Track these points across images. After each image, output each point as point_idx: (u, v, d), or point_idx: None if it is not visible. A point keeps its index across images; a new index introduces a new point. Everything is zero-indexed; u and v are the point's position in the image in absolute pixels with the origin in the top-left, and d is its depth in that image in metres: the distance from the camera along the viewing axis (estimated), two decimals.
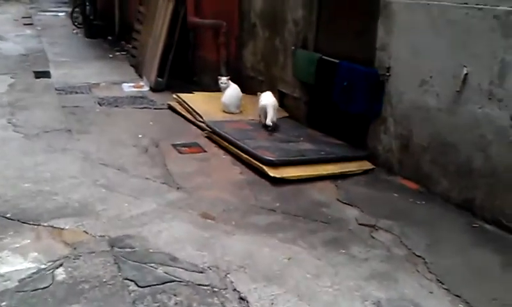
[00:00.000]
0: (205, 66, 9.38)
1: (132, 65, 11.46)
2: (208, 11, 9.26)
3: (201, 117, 7.28)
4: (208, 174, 5.59)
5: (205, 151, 6.30)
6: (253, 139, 6.08)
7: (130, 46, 13.15)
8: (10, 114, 7.20)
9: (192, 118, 7.49)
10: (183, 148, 6.36)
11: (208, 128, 6.83)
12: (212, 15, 9.11)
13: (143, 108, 8.33)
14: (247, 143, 5.92)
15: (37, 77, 9.48)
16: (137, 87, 9.74)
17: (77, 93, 9.16)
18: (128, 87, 9.71)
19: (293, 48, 7.15)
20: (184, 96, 8.30)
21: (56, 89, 9.03)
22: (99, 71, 11.01)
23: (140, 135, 6.77)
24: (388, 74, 5.55)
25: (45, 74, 9.81)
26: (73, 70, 10.91)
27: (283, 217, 4.66)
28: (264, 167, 5.41)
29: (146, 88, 9.62)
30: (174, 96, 8.47)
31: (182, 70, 9.82)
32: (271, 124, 6.48)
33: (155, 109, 8.32)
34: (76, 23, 16.85)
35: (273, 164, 5.43)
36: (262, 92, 6.98)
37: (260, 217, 4.65)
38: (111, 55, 13.05)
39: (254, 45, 8.41)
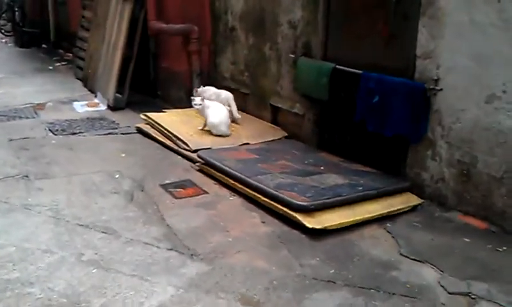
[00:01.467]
0: (172, 78, 7.91)
1: (79, 78, 9.78)
2: (173, 14, 7.79)
3: (187, 144, 5.83)
4: (224, 229, 4.22)
5: (205, 193, 4.90)
6: (267, 174, 4.75)
7: (71, 55, 11.44)
8: None
9: (172, 145, 6.05)
10: (176, 190, 4.93)
11: (200, 160, 5.39)
12: (179, 19, 7.64)
13: (107, 134, 6.78)
14: (262, 181, 4.58)
15: None
16: (91, 106, 8.14)
17: (21, 117, 7.49)
18: (81, 107, 8.09)
19: (292, 56, 5.82)
20: (155, 116, 6.83)
21: None
22: (42, 88, 9.30)
23: (117, 175, 5.27)
24: (436, 88, 4.33)
25: None
26: (11, 89, 9.15)
27: (350, 293, 3.38)
28: (297, 216, 4.11)
29: (103, 107, 8.04)
30: (142, 116, 6.98)
31: (143, 84, 8.29)
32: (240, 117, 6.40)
33: (122, 134, 6.80)
34: (3, 31, 14.75)
35: (308, 211, 4.10)
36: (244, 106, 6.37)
37: (320, 295, 3.36)
38: (50, 68, 11.30)
39: (233, 53, 7.03)
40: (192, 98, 6.12)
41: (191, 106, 7.16)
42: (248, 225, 4.31)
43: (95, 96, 8.54)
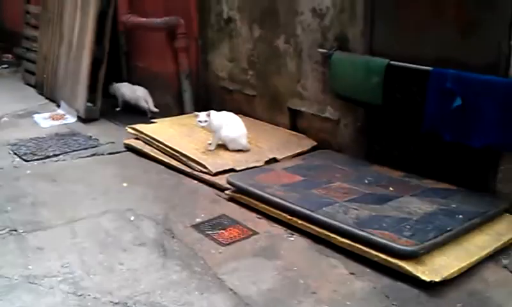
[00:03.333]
0: (152, 80, 6.60)
1: (30, 84, 8.19)
2: (151, 5, 6.40)
3: (203, 166, 4.62)
4: (307, 289, 3.14)
5: (254, 232, 3.77)
6: (333, 204, 3.70)
7: (11, 57, 9.72)
8: None
9: (182, 166, 4.83)
10: (216, 232, 3.75)
11: (231, 187, 4.21)
12: (156, 12, 6.28)
13: (90, 156, 5.39)
14: (334, 216, 3.51)
15: None
16: (57, 119, 6.70)
17: None
18: (44, 121, 6.62)
19: (322, 51, 4.70)
20: (146, 129, 5.56)
21: None
22: None
23: (131, 217, 3.99)
24: None
25: None
26: None
27: None
28: (405, 266, 3.08)
29: (72, 119, 6.62)
30: (129, 129, 5.63)
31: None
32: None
33: (109, 154, 5.43)
34: None
35: (416, 257, 3.05)
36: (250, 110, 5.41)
37: None
38: None
39: (231, 48, 5.83)
40: (195, 114, 4.85)
41: (180, 113, 5.95)
42: (335, 280, 3.21)
43: (58, 106, 7.04)
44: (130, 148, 5.49)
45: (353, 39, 4.54)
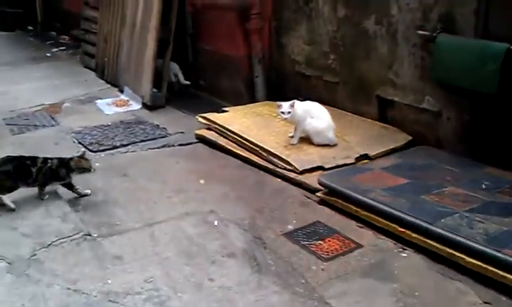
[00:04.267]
0: (220, 64, 6.12)
1: (89, 68, 7.82)
2: None
3: (288, 162, 4.10)
4: None
5: (357, 245, 3.28)
6: (453, 214, 3.16)
7: (69, 39, 9.40)
8: None
9: (263, 162, 4.35)
10: (313, 243, 3.26)
11: (322, 188, 3.67)
12: None
13: (161, 147, 4.94)
14: (457, 230, 2.94)
15: None
16: (121, 106, 6.28)
17: (36, 126, 5.61)
18: (108, 107, 6.22)
19: (424, 33, 4.09)
20: (218, 119, 5.10)
21: (7, 127, 5.38)
22: (48, 82, 7.33)
23: (215, 221, 3.51)
24: None
25: None
26: (10, 86, 7.16)
27: None
28: None
29: (137, 106, 6.18)
30: (200, 119, 5.15)
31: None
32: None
33: (180, 145, 4.96)
34: None
35: None
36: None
37: None
38: (48, 55, 9.26)
39: (310, 30, 5.27)
40: (278, 104, 4.31)
41: (251, 100, 5.43)
42: None
43: (121, 92, 6.63)
44: (201, 139, 5.01)
45: (462, 20, 3.92)
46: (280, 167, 4.21)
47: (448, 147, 4.18)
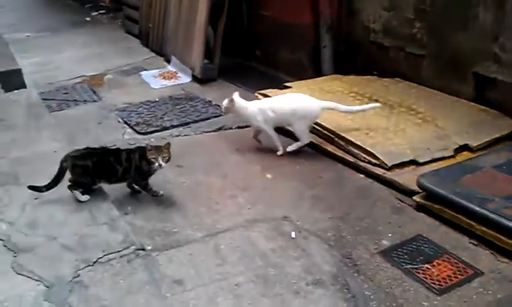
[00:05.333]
0: (280, 32, 5.41)
1: (131, 33, 7.18)
2: None
3: (372, 154, 3.38)
4: None
5: (475, 272, 2.59)
6: None
7: (108, 1, 8.75)
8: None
9: (340, 153, 3.64)
10: (419, 268, 2.59)
11: (420, 191, 2.96)
12: None
13: (216, 130, 4.31)
14: None
15: (5, 88, 5.08)
16: (168, 78, 5.65)
17: (77, 102, 5.05)
18: (154, 80, 5.59)
19: None
20: (277, 94, 4.33)
21: (44, 103, 4.81)
22: (88, 50, 6.76)
23: (292, 232, 2.85)
24: None
25: (14, 77, 5.39)
26: (49, 54, 6.61)
27: None
28: None
29: (186, 78, 5.54)
30: (259, 96, 4.49)
31: (231, 40, 5.67)
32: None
33: (238, 128, 4.31)
34: None
35: None
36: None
37: None
38: (88, 19, 8.69)
39: None
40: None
41: (316, 74, 4.71)
42: None
43: (168, 62, 5.98)
44: None
45: None
46: (363, 161, 3.51)
47: None
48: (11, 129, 4.12)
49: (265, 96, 4.52)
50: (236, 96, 3.89)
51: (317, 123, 3.92)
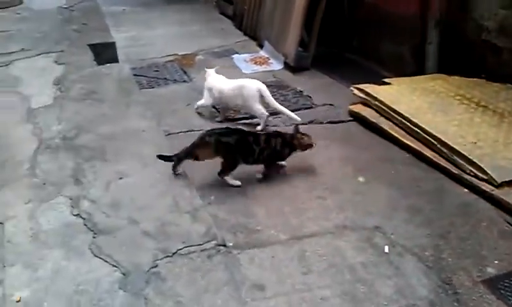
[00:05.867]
0: (382, 22, 5.10)
1: (225, 15, 7.05)
2: None
3: (481, 169, 3.06)
4: None
5: None
6: None
7: None
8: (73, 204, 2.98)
9: (441, 161, 3.34)
10: None
11: None
12: None
13: (307, 123, 4.08)
14: None
15: (98, 61, 5.10)
16: (260, 64, 5.47)
17: (167, 81, 4.99)
18: (245, 64, 5.44)
19: None
20: (379, 93, 4.13)
21: (135, 79, 4.80)
22: (182, 29, 6.73)
23: (386, 246, 2.59)
24: None
25: (108, 50, 5.43)
26: (143, 30, 6.65)
27: None
28: None
29: (278, 65, 5.34)
30: (355, 90, 4.19)
31: (326, 27, 5.37)
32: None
33: (330, 123, 4.07)
34: None
35: None
36: None
37: None
38: None
39: None
40: None
41: (418, 71, 4.36)
42: None
43: (260, 47, 5.80)
44: (357, 117, 4.06)
45: None
46: (469, 173, 3.17)
47: None
48: (101, 102, 4.11)
49: (363, 91, 4.25)
50: (212, 69, 4.21)
51: (416, 125, 3.61)
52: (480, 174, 3.14)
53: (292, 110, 4.39)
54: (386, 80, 4.49)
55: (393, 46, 4.98)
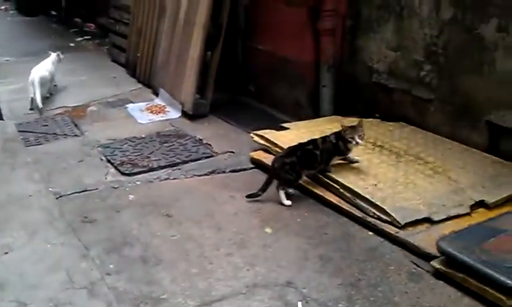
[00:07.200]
0: (277, 68, 5.13)
1: (117, 62, 6.83)
2: None
3: (383, 210, 3.09)
4: None
5: None
6: None
7: (94, 27, 8.42)
8: None
9: (345, 206, 3.30)
10: None
11: (438, 255, 2.66)
12: None
13: (209, 174, 3.96)
14: None
15: None
16: (156, 113, 5.32)
17: (56, 136, 4.69)
18: (141, 114, 5.25)
19: None
20: (278, 138, 4.16)
21: (21, 136, 4.44)
22: (72, 78, 6.37)
23: (299, 304, 2.51)
24: None
25: None
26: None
27: None
28: None
29: (175, 113, 5.19)
30: (255, 138, 4.14)
31: (223, 73, 5.34)
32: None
33: (232, 172, 3.96)
34: None
35: None
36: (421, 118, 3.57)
37: None
38: (72, 44, 8.29)
39: (398, 31, 4.32)
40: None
41: (314, 114, 4.42)
42: None
43: (156, 95, 5.63)
44: (257, 164, 3.99)
45: None
46: (372, 216, 3.17)
47: None
48: None
49: (263, 138, 4.20)
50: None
51: (320, 172, 3.59)
52: (383, 217, 3.15)
53: (193, 160, 4.26)
54: (284, 124, 4.48)
55: (290, 90, 5.02)
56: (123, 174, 3.99)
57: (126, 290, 2.62)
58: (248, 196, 3.49)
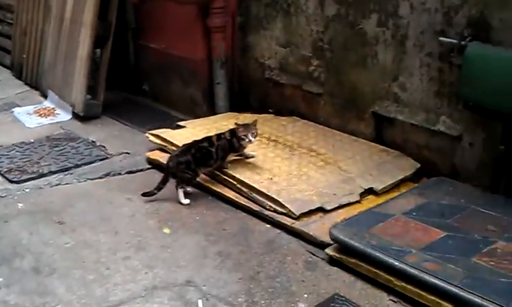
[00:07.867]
0: (170, 67, 5.08)
1: (3, 65, 6.45)
2: None
3: (279, 203, 3.18)
4: None
5: None
6: None
7: None
8: None
9: (243, 200, 3.38)
10: None
11: (332, 242, 2.79)
12: None
13: (104, 176, 3.87)
14: None
15: None
16: (45, 115, 5.08)
17: None
18: (29, 118, 5.01)
19: (447, 40, 3.28)
20: (174, 137, 4.08)
21: None
22: None
23: (200, 303, 2.52)
24: None
25: None
26: None
27: None
28: None
29: (66, 116, 5.00)
30: (151, 137, 4.10)
31: (116, 73, 5.22)
32: None
33: (128, 173, 3.90)
34: None
35: None
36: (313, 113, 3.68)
37: None
38: None
39: (286, 28, 4.44)
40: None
41: (210, 111, 4.46)
42: None
43: (44, 97, 5.38)
44: (154, 164, 3.93)
45: (501, 27, 3.09)
46: (268, 209, 3.23)
47: (468, 179, 3.39)
48: None
49: (159, 137, 4.14)
50: None
51: (217, 168, 3.60)
52: (279, 209, 3.22)
53: (86, 164, 4.12)
54: (180, 123, 4.45)
55: (184, 88, 4.98)
56: (11, 181, 3.78)
57: (17, 303, 2.49)
58: (144, 195, 3.44)
